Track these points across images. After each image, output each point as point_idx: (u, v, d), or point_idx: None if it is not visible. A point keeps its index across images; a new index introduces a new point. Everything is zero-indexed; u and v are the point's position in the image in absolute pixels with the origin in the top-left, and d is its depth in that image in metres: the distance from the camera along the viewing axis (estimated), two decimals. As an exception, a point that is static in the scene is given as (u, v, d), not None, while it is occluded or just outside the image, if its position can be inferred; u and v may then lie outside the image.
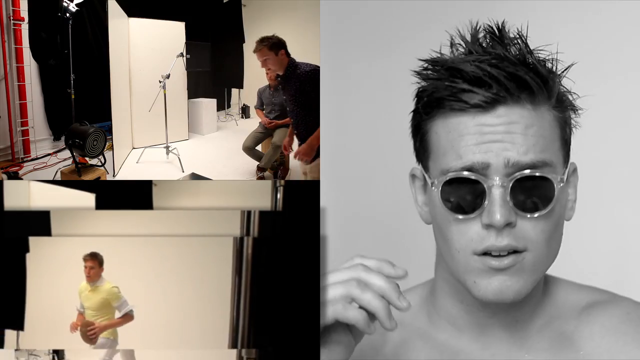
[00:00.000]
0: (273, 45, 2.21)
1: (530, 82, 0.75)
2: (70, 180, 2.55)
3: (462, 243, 0.76)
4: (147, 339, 1.11)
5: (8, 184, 1.11)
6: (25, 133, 3.10)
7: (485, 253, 0.75)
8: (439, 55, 0.80)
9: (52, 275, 1.11)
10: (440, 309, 0.86)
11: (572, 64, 0.80)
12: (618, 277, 1.65)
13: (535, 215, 0.75)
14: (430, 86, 0.79)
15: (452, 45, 0.81)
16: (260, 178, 2.85)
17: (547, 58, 0.79)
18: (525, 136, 0.75)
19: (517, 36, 0.78)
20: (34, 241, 1.08)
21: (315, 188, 0.98)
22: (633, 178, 1.64)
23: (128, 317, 1.26)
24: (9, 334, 1.13)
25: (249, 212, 1.10)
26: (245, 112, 4.71)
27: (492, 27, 0.79)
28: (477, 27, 0.80)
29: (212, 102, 4.35)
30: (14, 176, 2.50)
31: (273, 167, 2.96)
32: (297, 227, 1.08)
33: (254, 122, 3.11)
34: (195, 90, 4.19)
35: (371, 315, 0.71)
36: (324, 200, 1.07)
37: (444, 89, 0.77)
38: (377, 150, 0.86)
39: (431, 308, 0.88)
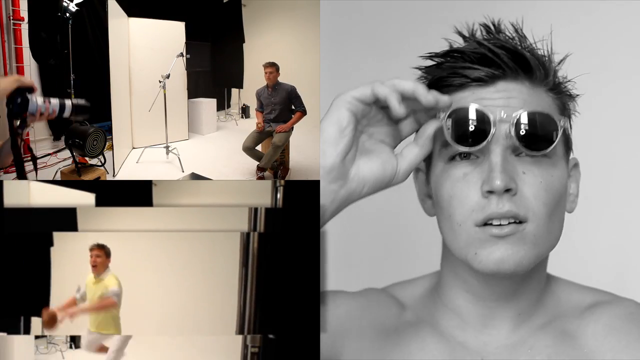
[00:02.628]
0: None
1: (528, 58, 0.77)
2: (70, 180, 2.55)
3: (463, 215, 0.77)
4: (161, 326, 1.19)
5: (8, 184, 1.13)
6: (25, 133, 3.10)
7: (486, 224, 0.76)
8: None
9: (74, 268, 1.17)
10: (446, 300, 0.88)
11: (568, 55, 0.81)
12: (622, 275, 1.65)
13: (539, 154, 0.76)
14: (433, 70, 0.81)
15: (450, 46, 0.83)
16: (260, 178, 2.85)
17: (541, 49, 0.81)
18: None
19: (514, 29, 0.81)
20: (58, 236, 1.18)
21: (315, 188, 0.99)
22: (638, 179, 1.64)
23: (107, 300, 1.23)
24: (35, 321, 1.19)
25: (255, 209, 1.17)
26: (245, 112, 4.71)
27: (487, 25, 0.82)
28: (474, 28, 0.82)
29: (212, 102, 4.35)
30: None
31: (273, 167, 2.96)
32: (298, 226, 1.11)
33: (254, 122, 3.12)
34: (195, 90, 4.19)
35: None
36: (324, 200, 1.07)
37: (445, 68, 0.79)
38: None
39: (437, 299, 0.89)
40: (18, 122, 1.27)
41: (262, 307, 1.12)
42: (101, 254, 1.30)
